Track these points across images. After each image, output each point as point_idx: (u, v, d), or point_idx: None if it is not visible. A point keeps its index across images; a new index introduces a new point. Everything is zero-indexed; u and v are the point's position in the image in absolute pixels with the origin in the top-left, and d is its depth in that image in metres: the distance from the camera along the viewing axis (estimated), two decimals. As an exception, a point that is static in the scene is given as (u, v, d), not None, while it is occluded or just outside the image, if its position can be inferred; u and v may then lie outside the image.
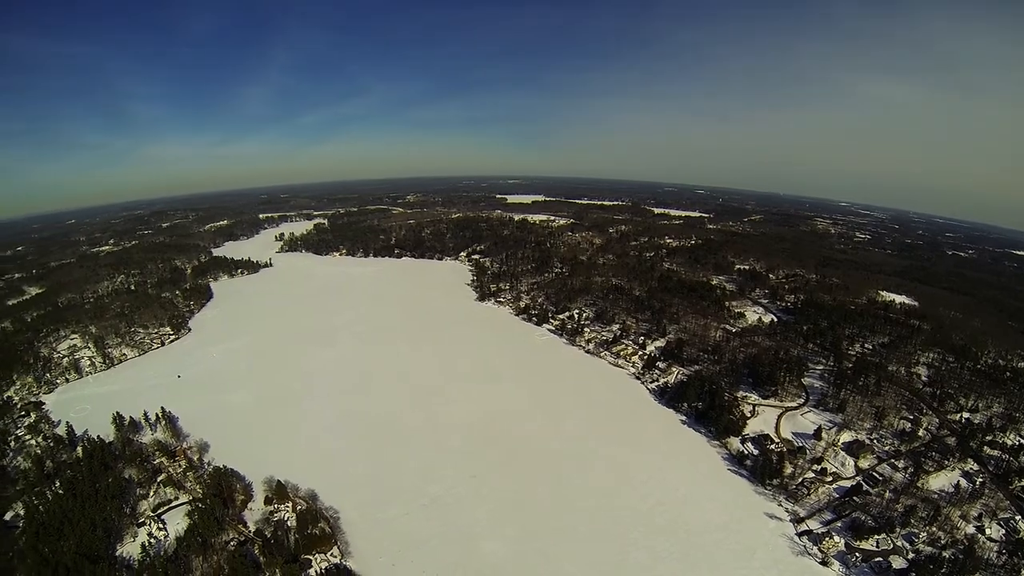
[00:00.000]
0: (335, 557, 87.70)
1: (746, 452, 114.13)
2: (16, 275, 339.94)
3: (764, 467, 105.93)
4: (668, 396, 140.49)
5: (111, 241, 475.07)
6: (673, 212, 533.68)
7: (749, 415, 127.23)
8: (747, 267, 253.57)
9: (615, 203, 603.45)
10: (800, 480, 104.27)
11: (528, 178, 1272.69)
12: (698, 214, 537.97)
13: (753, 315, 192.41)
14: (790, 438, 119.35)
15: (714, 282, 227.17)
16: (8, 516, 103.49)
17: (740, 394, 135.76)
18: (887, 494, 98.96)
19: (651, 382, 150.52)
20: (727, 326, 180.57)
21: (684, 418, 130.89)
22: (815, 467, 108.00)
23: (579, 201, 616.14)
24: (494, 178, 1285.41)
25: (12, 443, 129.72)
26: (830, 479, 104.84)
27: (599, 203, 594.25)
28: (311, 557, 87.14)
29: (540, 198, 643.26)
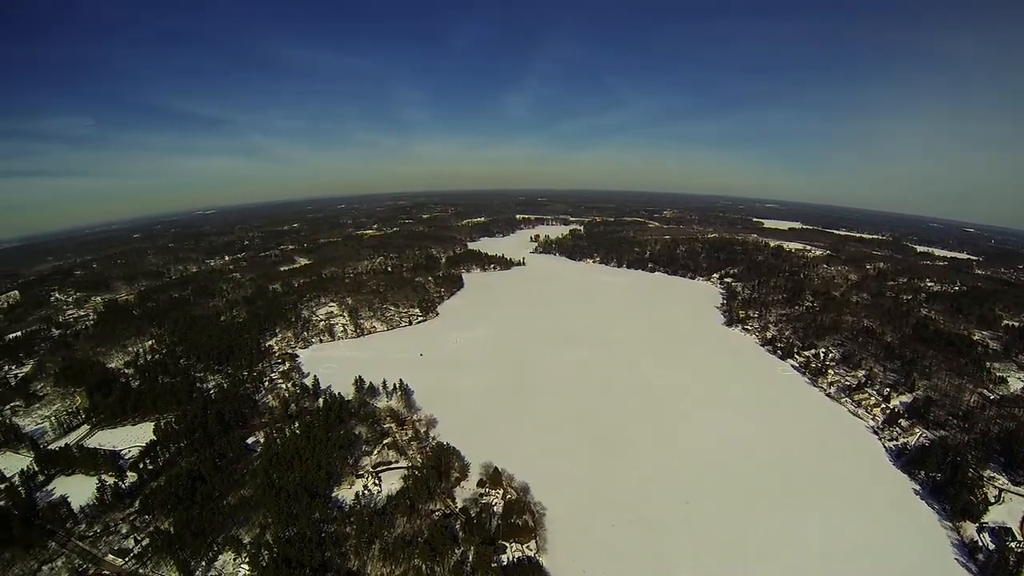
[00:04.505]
0: (530, 550, 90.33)
1: (980, 543, 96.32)
2: (290, 247, 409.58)
3: (998, 567, 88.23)
4: (905, 459, 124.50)
5: (374, 226, 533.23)
6: (937, 251, 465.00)
7: (993, 500, 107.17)
8: (1017, 324, 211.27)
9: (874, 236, 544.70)
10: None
11: (785, 203, 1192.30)
12: (965, 256, 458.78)
13: (1018, 383, 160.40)
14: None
15: (976, 337, 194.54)
16: (250, 441, 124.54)
17: (987, 473, 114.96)
18: None
19: (889, 440, 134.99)
20: (985, 391, 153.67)
21: (918, 487, 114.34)
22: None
23: (836, 231, 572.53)
24: (751, 200, 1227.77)
25: (266, 383, 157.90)
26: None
27: (857, 235, 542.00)
28: (508, 544, 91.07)
29: (797, 225, 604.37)
